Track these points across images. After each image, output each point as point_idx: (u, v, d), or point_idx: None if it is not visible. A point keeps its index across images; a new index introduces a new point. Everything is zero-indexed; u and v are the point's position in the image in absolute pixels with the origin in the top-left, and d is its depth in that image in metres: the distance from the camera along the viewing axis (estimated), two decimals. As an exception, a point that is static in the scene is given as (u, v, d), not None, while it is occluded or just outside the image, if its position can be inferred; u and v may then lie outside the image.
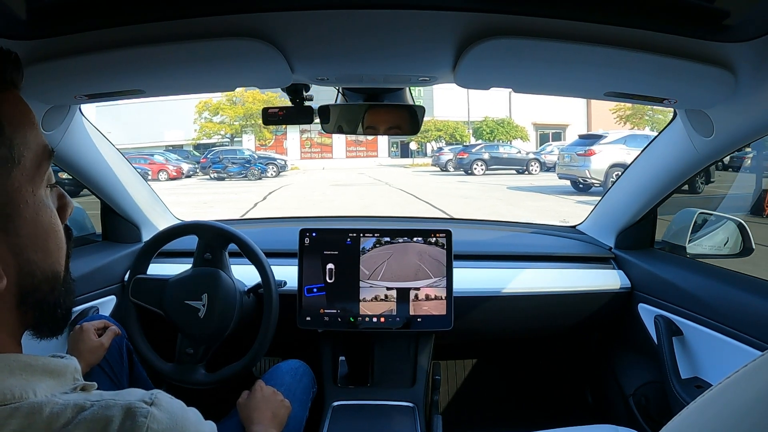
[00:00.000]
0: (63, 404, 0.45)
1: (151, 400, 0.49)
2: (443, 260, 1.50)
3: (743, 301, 1.23)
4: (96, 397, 0.48)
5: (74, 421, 0.45)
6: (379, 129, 1.38)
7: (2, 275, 0.46)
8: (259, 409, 1.17)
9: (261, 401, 1.18)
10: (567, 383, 2.03)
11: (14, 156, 0.47)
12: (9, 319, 0.49)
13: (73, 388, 0.50)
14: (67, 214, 0.57)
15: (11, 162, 0.47)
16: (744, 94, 0.98)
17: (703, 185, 9.18)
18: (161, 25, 0.84)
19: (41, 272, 0.50)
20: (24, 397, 0.45)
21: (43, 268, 0.51)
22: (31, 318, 0.51)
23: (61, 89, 1.00)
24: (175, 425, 0.49)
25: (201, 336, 1.35)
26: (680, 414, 0.42)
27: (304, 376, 1.36)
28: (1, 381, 0.45)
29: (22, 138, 0.48)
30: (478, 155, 18.98)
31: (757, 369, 0.37)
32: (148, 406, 0.48)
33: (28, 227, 0.49)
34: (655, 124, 24.30)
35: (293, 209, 10.76)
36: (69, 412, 0.45)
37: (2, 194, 0.46)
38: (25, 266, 0.49)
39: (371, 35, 0.91)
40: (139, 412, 0.47)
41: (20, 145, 0.48)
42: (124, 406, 0.47)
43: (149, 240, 1.48)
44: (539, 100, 25.57)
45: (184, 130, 29.52)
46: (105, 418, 0.45)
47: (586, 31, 0.84)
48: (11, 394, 0.44)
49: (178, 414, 0.51)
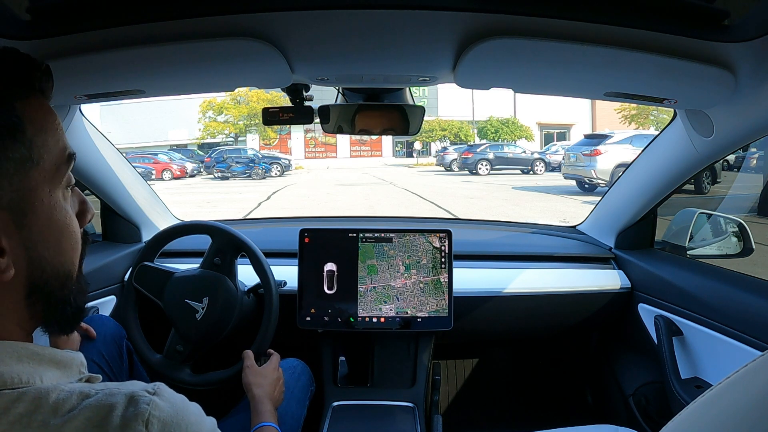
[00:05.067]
0: (69, 391, 0.48)
1: (154, 390, 0.51)
2: (443, 260, 1.50)
3: (743, 301, 1.23)
4: (101, 386, 0.50)
5: (79, 406, 0.47)
6: (379, 129, 1.38)
7: (10, 266, 0.49)
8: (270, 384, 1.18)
9: (271, 377, 1.20)
10: (567, 383, 2.03)
11: (33, 157, 0.50)
12: (18, 309, 0.51)
13: (78, 379, 0.52)
14: (86, 219, 0.60)
15: (30, 162, 0.50)
16: (744, 94, 0.98)
17: (710, 185, 9.15)
18: (161, 25, 0.84)
19: (52, 268, 0.53)
20: (31, 382, 0.47)
21: (54, 265, 0.53)
22: (40, 311, 0.53)
23: (61, 89, 0.98)
24: (176, 414, 0.51)
25: (193, 336, 1.35)
26: (680, 414, 0.42)
27: (302, 374, 1.37)
28: (9, 366, 0.47)
29: (43, 141, 0.51)
30: (482, 155, 18.96)
31: (757, 369, 0.37)
32: (150, 395, 0.50)
33: (41, 225, 0.51)
34: (659, 124, 24.17)
35: (297, 209, 10.77)
36: (74, 399, 0.47)
37: (19, 191, 0.49)
38: (36, 261, 0.51)
39: (371, 35, 0.91)
40: (142, 399, 0.49)
41: (40, 147, 0.51)
42: (128, 393, 0.49)
43: (163, 230, 1.47)
44: (544, 99, 25.51)
45: (188, 129, 29.63)
46: (109, 404, 0.48)
47: (586, 31, 0.84)
48: (19, 378, 0.47)
49: (179, 405, 0.53)
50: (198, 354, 1.37)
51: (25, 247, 0.50)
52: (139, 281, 1.41)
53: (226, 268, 1.39)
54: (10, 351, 0.48)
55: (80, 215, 0.59)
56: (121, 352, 1.30)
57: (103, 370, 1.22)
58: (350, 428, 1.39)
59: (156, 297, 1.39)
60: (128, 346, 1.34)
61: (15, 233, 0.49)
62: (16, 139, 0.49)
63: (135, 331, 1.39)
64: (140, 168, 12.13)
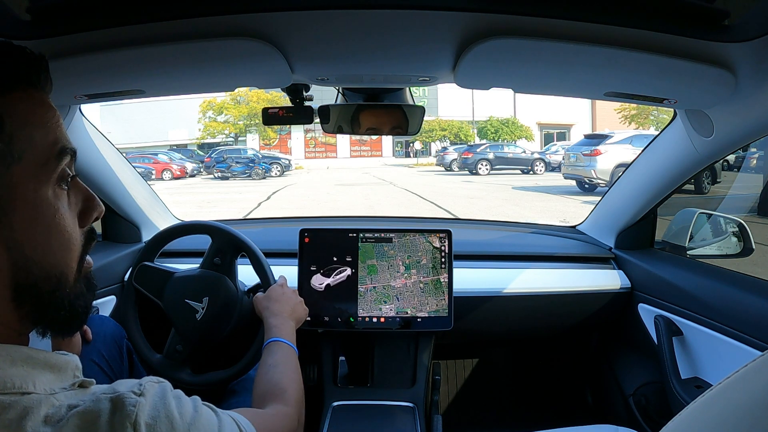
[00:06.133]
0: (58, 405, 0.47)
1: (141, 390, 0.51)
2: (443, 260, 1.50)
3: (743, 301, 1.23)
4: (89, 392, 0.50)
5: (67, 415, 0.46)
6: (379, 129, 1.38)
7: None
8: (279, 301, 1.19)
9: (282, 295, 1.21)
10: (567, 383, 2.03)
11: (14, 152, 0.48)
12: (5, 310, 0.49)
13: (72, 384, 0.51)
14: (90, 217, 0.58)
15: (9, 157, 0.48)
16: (744, 94, 0.98)
17: (710, 185, 9.15)
18: (161, 25, 0.84)
19: (39, 269, 0.50)
20: (24, 387, 0.46)
21: (43, 266, 0.51)
22: (29, 314, 0.51)
23: (61, 89, 0.99)
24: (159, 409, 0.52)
25: (193, 337, 1.35)
26: (680, 414, 0.42)
27: None
28: (2, 370, 0.46)
29: (27, 135, 0.49)
30: (482, 155, 18.98)
31: (757, 369, 0.37)
32: (137, 396, 0.50)
33: (24, 223, 0.49)
34: (659, 124, 24.18)
35: (297, 209, 10.77)
36: (63, 411, 0.47)
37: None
38: (20, 261, 0.49)
39: (371, 35, 0.91)
40: (128, 401, 0.49)
41: (23, 141, 0.49)
42: (113, 397, 0.49)
43: (163, 230, 1.47)
44: (544, 99, 25.51)
45: (188, 129, 29.65)
46: (96, 410, 0.48)
47: (586, 31, 0.84)
48: (12, 383, 0.45)
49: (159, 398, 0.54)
50: (198, 354, 1.37)
51: (6, 246, 0.48)
52: (139, 281, 1.41)
53: (226, 268, 1.38)
54: (3, 354, 0.47)
55: (84, 213, 0.57)
56: (121, 352, 1.30)
57: (103, 370, 1.22)
58: (350, 428, 1.39)
59: (156, 297, 1.39)
60: (128, 346, 1.34)
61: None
62: None
63: (135, 331, 1.38)
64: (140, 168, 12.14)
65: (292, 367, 1.03)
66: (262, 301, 1.21)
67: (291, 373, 1.01)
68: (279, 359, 1.03)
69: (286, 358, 1.05)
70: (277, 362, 1.02)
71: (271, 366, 1.01)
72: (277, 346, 1.07)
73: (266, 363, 1.02)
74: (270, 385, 0.95)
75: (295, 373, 1.03)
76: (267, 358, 1.04)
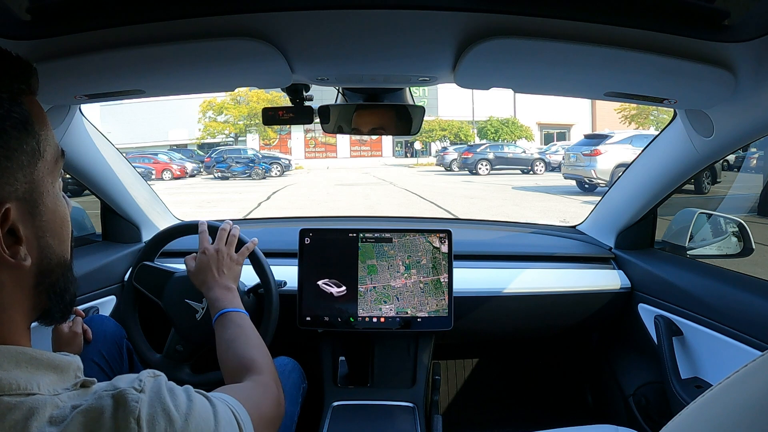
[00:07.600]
0: (62, 406, 0.48)
1: (141, 387, 0.52)
2: (443, 260, 1.50)
3: (743, 301, 1.23)
4: (91, 391, 0.52)
5: (71, 415, 0.47)
6: (379, 129, 1.38)
7: (28, 255, 0.52)
8: (210, 270, 1.19)
9: (207, 263, 1.20)
10: (567, 383, 2.03)
11: (40, 149, 0.53)
12: (26, 299, 0.53)
13: (74, 384, 0.52)
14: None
15: (38, 154, 0.53)
16: (744, 95, 0.97)
17: (710, 185, 9.15)
18: (161, 25, 0.84)
19: (56, 257, 0.56)
20: (28, 388, 0.47)
21: (58, 254, 0.56)
22: (45, 301, 0.56)
23: (61, 89, 1.00)
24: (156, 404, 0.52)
25: (193, 336, 1.35)
26: (680, 414, 0.42)
27: (292, 372, 1.35)
28: (8, 372, 0.47)
29: (45, 135, 0.55)
30: (482, 155, 18.98)
31: (757, 369, 0.37)
32: (138, 392, 0.51)
33: (48, 214, 0.54)
34: (659, 124, 24.18)
35: (297, 209, 10.77)
36: (67, 411, 0.48)
37: (31, 183, 0.52)
38: (45, 249, 0.54)
39: (371, 35, 0.91)
40: (130, 397, 0.50)
41: (44, 140, 0.54)
42: (115, 394, 0.50)
43: (163, 230, 1.47)
44: (544, 99, 25.54)
45: (188, 129, 29.66)
46: (99, 407, 0.48)
47: (586, 31, 0.84)
48: (17, 384, 0.47)
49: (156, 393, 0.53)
50: (198, 354, 1.38)
51: (37, 236, 0.53)
52: (139, 281, 1.41)
53: None
54: (8, 356, 0.48)
55: None
56: (121, 351, 1.30)
57: (103, 370, 1.22)
58: (350, 428, 1.39)
59: (156, 297, 1.39)
60: (128, 345, 1.34)
61: (30, 223, 0.52)
62: (28, 132, 0.52)
63: (135, 331, 1.39)
64: (140, 168, 12.13)
65: (249, 334, 1.03)
66: (194, 278, 1.20)
67: (251, 340, 1.01)
68: (235, 332, 1.03)
69: (241, 326, 1.05)
70: (235, 335, 1.02)
71: (229, 341, 1.00)
72: (227, 318, 1.07)
73: (223, 339, 1.02)
74: (237, 359, 0.95)
75: (255, 339, 1.02)
76: (222, 334, 1.03)
